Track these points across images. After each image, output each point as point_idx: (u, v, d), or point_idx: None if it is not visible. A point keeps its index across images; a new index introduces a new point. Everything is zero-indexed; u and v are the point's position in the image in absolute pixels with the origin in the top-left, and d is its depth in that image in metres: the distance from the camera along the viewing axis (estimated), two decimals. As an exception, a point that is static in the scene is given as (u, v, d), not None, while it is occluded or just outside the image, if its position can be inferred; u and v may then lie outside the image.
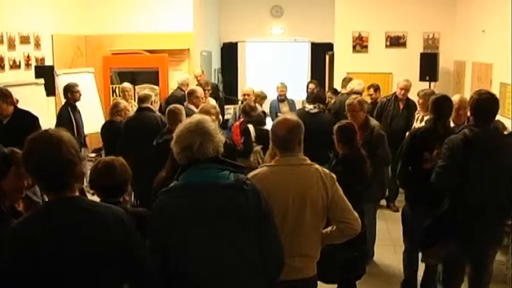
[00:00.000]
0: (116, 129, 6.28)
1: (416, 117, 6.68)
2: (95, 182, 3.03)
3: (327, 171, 3.11)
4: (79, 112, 7.35)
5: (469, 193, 3.68)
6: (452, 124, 4.49)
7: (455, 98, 4.60)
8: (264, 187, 2.77)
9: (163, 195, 2.52)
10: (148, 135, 5.46)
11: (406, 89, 7.20)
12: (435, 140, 4.07)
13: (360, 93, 7.06)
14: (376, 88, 8.00)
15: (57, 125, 6.75)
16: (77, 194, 2.21)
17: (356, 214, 3.10)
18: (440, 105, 4.31)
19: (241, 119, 6.82)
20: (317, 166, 3.09)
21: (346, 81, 8.16)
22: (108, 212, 2.19)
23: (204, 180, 2.48)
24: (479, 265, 3.95)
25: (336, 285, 4.31)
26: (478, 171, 3.65)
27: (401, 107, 7.22)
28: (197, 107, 7.03)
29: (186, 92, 7.30)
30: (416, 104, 6.89)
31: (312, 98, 7.18)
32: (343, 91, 7.91)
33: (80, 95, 7.32)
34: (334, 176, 3.10)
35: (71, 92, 7.22)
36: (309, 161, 3.09)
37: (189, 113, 6.68)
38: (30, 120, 5.19)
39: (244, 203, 2.45)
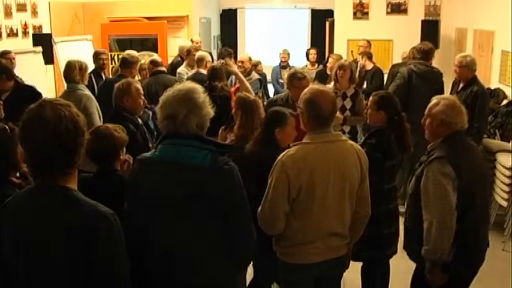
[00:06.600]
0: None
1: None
2: (87, 151, 3.03)
3: (360, 147, 2.98)
4: (102, 78, 6.93)
5: (411, 103, 5.56)
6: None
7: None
8: (306, 166, 2.72)
9: (138, 165, 2.42)
10: None
11: None
12: None
13: None
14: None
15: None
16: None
17: (369, 209, 2.99)
18: None
19: (237, 85, 6.77)
20: (351, 142, 2.94)
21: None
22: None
23: (178, 159, 2.31)
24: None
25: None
26: (418, 91, 5.77)
27: None
28: None
29: (195, 58, 7.27)
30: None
31: None
32: None
33: (104, 62, 7.03)
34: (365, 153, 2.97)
35: (97, 58, 6.96)
36: (343, 137, 2.94)
37: (203, 78, 6.67)
38: (31, 96, 4.70)
39: (213, 188, 2.29)
